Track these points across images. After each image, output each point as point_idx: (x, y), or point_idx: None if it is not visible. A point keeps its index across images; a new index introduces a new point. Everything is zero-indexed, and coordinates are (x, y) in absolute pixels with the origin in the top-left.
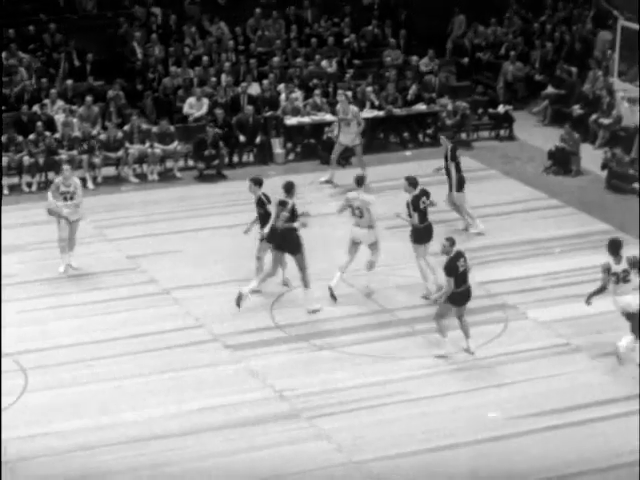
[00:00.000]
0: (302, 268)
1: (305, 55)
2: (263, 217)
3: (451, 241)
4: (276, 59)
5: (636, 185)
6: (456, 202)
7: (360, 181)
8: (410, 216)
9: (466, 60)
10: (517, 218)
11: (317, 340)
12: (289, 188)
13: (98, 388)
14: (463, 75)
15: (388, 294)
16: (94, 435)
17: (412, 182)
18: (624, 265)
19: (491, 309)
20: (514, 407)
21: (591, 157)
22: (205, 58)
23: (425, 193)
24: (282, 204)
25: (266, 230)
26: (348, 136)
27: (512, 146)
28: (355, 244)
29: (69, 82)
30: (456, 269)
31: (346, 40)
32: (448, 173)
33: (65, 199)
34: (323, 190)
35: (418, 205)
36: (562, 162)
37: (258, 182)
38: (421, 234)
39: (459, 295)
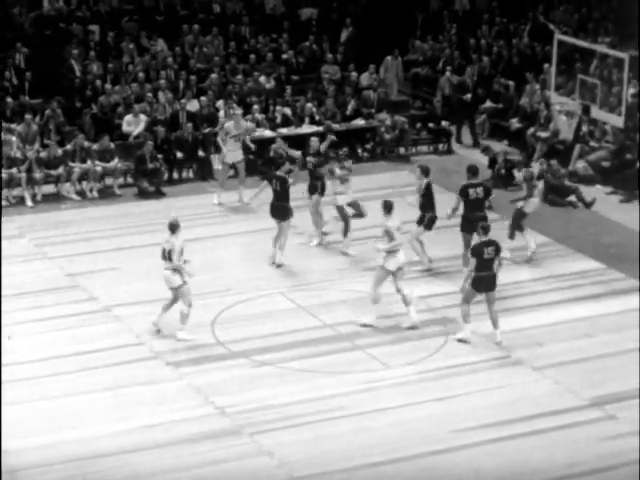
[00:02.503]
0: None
1: (244, 71)
2: None
3: (485, 228)
4: (214, 75)
5: (572, 198)
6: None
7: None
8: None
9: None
10: (456, 231)
11: (258, 356)
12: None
13: (39, 406)
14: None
15: (329, 309)
16: (36, 454)
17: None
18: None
19: (431, 323)
20: (457, 420)
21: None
22: (141, 75)
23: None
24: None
25: None
26: (234, 153)
27: (450, 160)
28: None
29: (8, 100)
30: (481, 253)
31: (284, 56)
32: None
33: None
34: (263, 207)
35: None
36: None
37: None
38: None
39: (479, 280)
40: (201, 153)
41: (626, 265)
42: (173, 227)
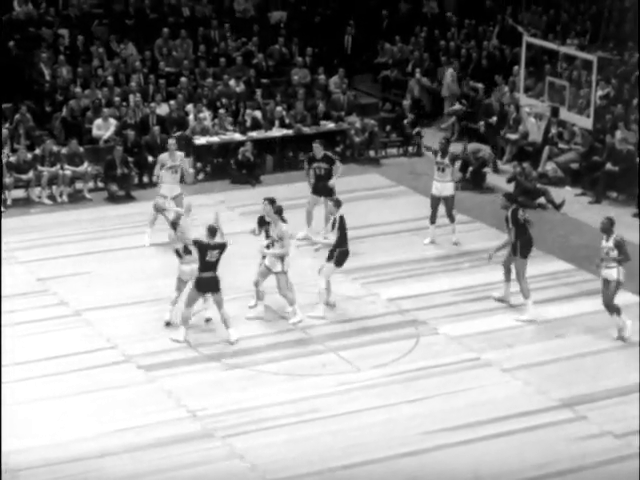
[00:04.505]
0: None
1: (214, 75)
2: None
3: (507, 196)
4: (184, 79)
5: (542, 200)
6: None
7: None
8: None
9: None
10: (427, 234)
11: (230, 359)
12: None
13: (12, 411)
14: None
15: (300, 312)
16: (9, 459)
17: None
18: None
19: (402, 325)
20: (428, 422)
21: (498, 172)
22: (110, 79)
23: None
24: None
25: None
26: (172, 186)
27: (420, 162)
28: None
29: None
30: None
31: (254, 59)
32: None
33: None
34: (234, 210)
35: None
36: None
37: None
38: None
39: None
40: None
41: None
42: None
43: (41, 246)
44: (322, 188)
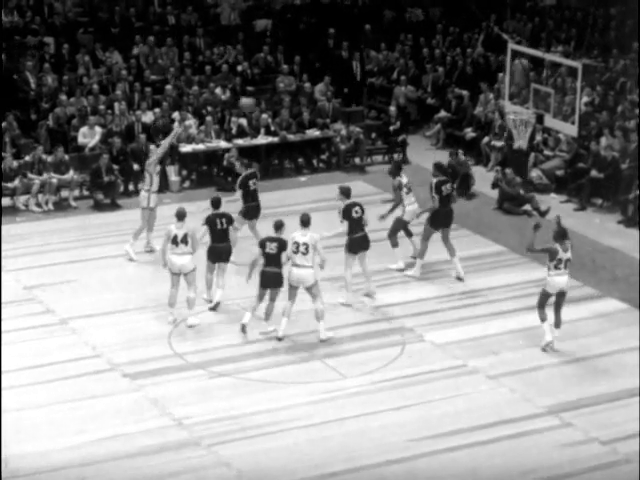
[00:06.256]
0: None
1: (199, 82)
2: None
3: (437, 166)
4: (169, 87)
5: (527, 207)
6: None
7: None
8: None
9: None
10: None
11: (215, 367)
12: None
13: None
14: (356, 100)
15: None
16: None
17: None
18: None
19: (388, 332)
20: (414, 429)
21: (483, 179)
22: (96, 87)
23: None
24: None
25: None
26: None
27: (406, 170)
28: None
29: None
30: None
31: (239, 67)
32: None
33: None
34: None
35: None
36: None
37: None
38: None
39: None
40: None
41: (581, 273)
42: (181, 215)
43: (27, 254)
44: None
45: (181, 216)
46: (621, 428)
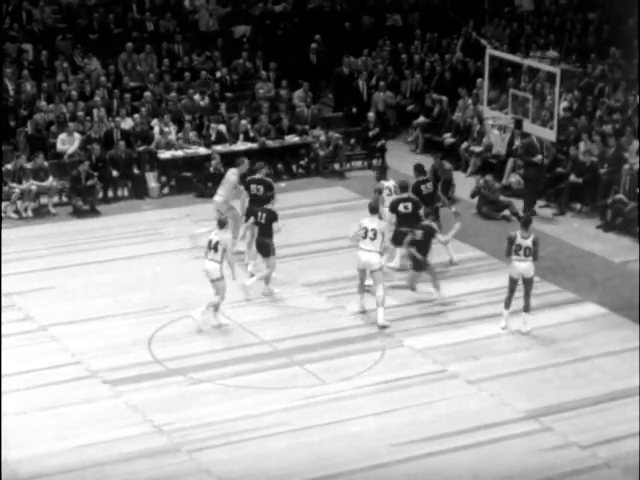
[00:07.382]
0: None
1: (178, 89)
2: None
3: (417, 167)
4: (148, 93)
5: (506, 212)
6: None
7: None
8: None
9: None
10: (391, 247)
11: (196, 373)
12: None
13: None
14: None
15: (266, 325)
16: None
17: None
18: None
19: (368, 338)
20: (394, 435)
21: (462, 185)
22: (74, 93)
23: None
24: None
25: None
26: None
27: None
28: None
29: None
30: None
31: (218, 74)
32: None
33: None
34: (199, 223)
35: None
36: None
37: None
38: None
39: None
40: (136, 171)
41: (560, 278)
42: (222, 224)
43: (6, 261)
44: None
45: (221, 225)
46: (601, 432)
